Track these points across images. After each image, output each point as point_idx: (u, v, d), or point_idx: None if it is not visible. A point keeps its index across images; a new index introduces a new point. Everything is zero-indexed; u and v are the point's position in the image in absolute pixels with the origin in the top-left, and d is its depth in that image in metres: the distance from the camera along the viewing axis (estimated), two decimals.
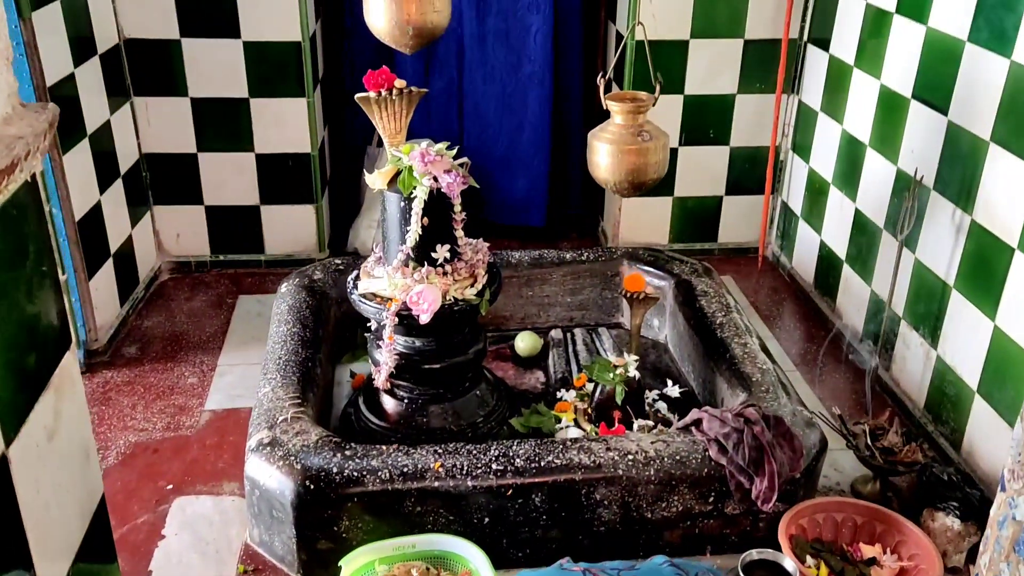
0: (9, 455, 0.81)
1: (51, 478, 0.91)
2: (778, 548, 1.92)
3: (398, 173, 2.17)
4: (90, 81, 2.79)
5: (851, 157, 2.98)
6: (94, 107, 2.83)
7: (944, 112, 2.42)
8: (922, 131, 2.54)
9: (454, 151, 2.16)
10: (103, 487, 1.04)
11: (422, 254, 2.17)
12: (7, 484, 0.81)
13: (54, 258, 0.92)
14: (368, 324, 2.44)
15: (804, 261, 3.37)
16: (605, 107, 2.44)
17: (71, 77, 2.66)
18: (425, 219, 2.15)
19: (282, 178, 3.31)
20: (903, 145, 2.64)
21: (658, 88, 2.43)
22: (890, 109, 2.72)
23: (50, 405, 0.90)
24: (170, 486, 2.29)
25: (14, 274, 0.84)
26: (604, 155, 2.40)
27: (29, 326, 0.87)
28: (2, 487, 0.81)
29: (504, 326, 2.98)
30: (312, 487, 1.93)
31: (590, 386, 2.51)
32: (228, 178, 3.29)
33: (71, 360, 0.96)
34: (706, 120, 3.40)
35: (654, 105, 2.41)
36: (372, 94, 2.18)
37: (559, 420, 2.44)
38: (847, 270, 3.02)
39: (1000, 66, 2.17)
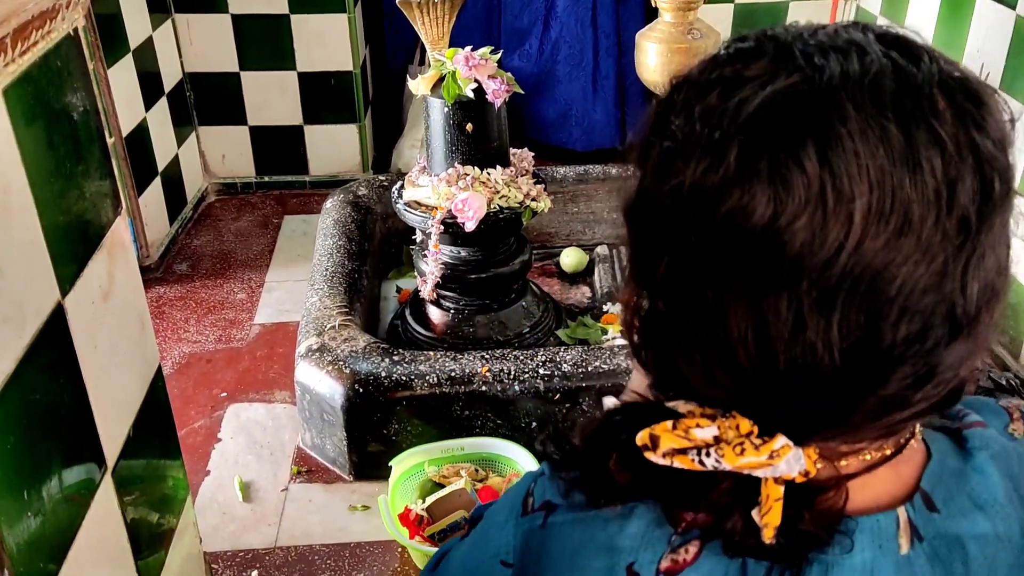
0: (65, 304, 0.83)
1: (108, 337, 0.93)
2: None
3: (441, 79, 2.13)
4: None
5: None
6: (136, 24, 2.82)
7: (1012, 6, 2.29)
8: (988, 28, 2.41)
9: (498, 55, 2.11)
10: (159, 358, 1.06)
11: (467, 161, 2.14)
12: (65, 332, 0.82)
13: (100, 120, 0.92)
14: (413, 238, 2.43)
15: None
16: (654, 4, 2.36)
17: None
18: (469, 125, 2.12)
19: (325, 97, 3.29)
20: (968, 44, 2.51)
21: None
22: (955, 7, 2.58)
23: (103, 266, 0.91)
24: (224, 394, 2.34)
25: (59, 128, 0.84)
26: (653, 55, 2.33)
27: (77, 182, 0.87)
28: (61, 335, 0.82)
29: (549, 243, 2.95)
30: (361, 391, 1.95)
31: None
32: (271, 98, 3.27)
33: (122, 226, 0.97)
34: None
35: (705, 1, 2.32)
36: None
37: (605, 332, 2.42)
38: None
39: None
